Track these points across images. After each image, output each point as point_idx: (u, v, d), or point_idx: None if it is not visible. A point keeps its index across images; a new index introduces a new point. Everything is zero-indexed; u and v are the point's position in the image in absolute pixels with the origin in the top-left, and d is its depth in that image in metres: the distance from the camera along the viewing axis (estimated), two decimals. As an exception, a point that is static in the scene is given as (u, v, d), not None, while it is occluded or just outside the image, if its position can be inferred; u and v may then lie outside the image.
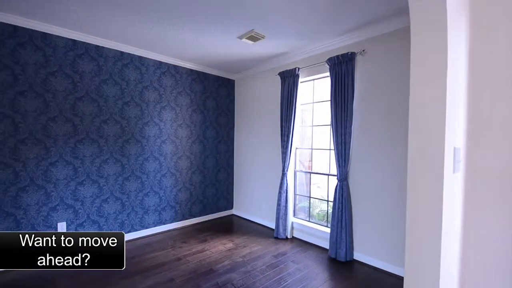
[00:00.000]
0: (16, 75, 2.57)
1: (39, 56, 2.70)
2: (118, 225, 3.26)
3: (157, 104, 3.61)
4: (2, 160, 2.50)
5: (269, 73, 3.92)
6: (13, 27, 2.55)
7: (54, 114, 2.79)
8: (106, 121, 3.15)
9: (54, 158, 2.79)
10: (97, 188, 3.09)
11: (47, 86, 2.74)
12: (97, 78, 3.08)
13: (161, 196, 3.66)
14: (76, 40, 2.93)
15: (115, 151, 3.23)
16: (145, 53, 3.44)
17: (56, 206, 2.81)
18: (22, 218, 2.61)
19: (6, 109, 2.51)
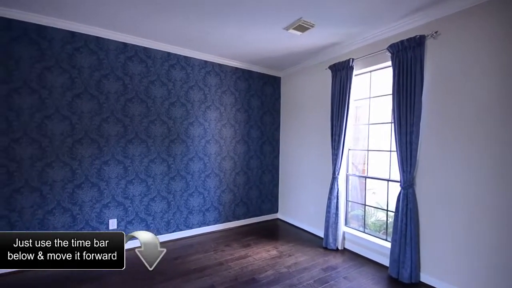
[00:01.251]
0: (73, 78, 2.73)
1: (93, 60, 2.83)
2: (164, 224, 3.29)
3: (202, 104, 3.57)
4: (61, 158, 2.67)
5: (318, 68, 3.59)
6: (71, 33, 2.70)
7: (107, 115, 2.91)
8: (153, 121, 3.20)
9: (106, 157, 2.91)
10: (145, 187, 3.15)
11: (100, 88, 2.87)
12: (145, 80, 3.14)
13: (205, 197, 3.61)
14: (127, 43, 3.01)
15: (162, 151, 3.26)
16: (190, 53, 3.42)
17: (108, 204, 2.92)
18: (78, 214, 2.76)
19: (65, 110, 2.68)
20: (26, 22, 2.49)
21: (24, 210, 2.50)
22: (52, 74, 2.62)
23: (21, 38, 2.49)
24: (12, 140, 2.44)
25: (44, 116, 2.59)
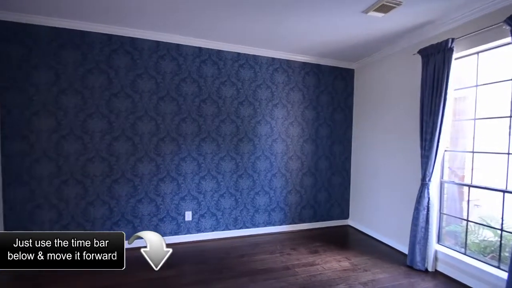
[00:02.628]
0: (158, 83, 3.06)
1: (174, 65, 3.11)
2: (232, 220, 3.40)
3: (269, 102, 3.53)
4: (149, 154, 3.03)
5: (403, 54, 3.08)
6: (156, 42, 3.03)
7: (185, 116, 3.16)
8: (224, 120, 3.33)
9: (184, 154, 3.17)
10: (216, 183, 3.31)
11: (179, 91, 3.13)
12: (217, 81, 3.29)
13: (271, 197, 3.57)
14: (202, 48, 3.21)
15: (231, 149, 3.37)
16: (258, 51, 3.42)
17: (185, 197, 3.19)
18: (161, 204, 3.10)
19: (152, 112, 3.03)
20: (123, 36, 2.91)
21: (121, 198, 2.94)
22: (143, 80, 3.00)
23: (119, 50, 2.93)
24: (113, 138, 2.90)
25: (136, 117, 2.98)
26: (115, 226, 2.92)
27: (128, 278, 2.32)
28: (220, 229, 3.35)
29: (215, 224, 3.32)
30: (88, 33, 2.79)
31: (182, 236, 3.17)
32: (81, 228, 2.81)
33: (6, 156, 2.57)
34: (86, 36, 2.79)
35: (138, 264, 2.57)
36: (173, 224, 3.15)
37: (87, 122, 2.81)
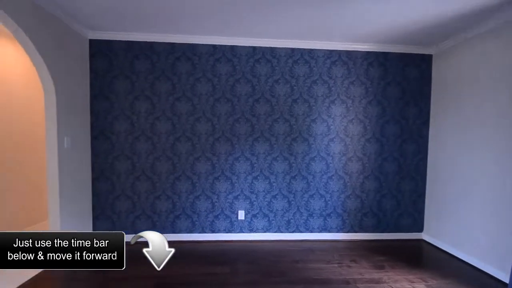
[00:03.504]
0: (214, 85, 3.18)
1: (229, 67, 3.18)
2: (285, 223, 3.31)
3: (326, 99, 3.28)
4: (205, 154, 3.20)
5: (503, 31, 2.41)
6: (213, 46, 3.15)
7: (238, 116, 3.21)
8: (277, 120, 3.25)
9: (237, 154, 3.23)
10: (268, 184, 3.28)
11: (233, 92, 3.20)
12: (270, 79, 3.23)
13: (327, 200, 3.34)
14: (256, 47, 3.19)
15: (284, 149, 3.27)
16: (314, 44, 3.20)
17: (238, 196, 3.26)
18: (216, 202, 3.25)
19: (208, 113, 3.18)
20: (183, 43, 3.12)
21: (182, 194, 3.21)
22: (201, 84, 3.17)
23: (182, 57, 3.15)
24: (176, 139, 3.17)
25: (195, 118, 3.18)
26: (177, 219, 3.21)
27: (186, 269, 2.52)
28: (272, 230, 3.31)
29: (267, 225, 3.30)
30: (156, 43, 3.10)
31: (235, 234, 3.27)
32: (150, 219, 3.20)
33: (95, 155, 3.10)
34: (155, 47, 3.10)
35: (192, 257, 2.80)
36: (227, 222, 3.27)
37: (155, 125, 3.14)
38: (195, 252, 2.95)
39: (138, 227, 3.17)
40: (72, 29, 2.76)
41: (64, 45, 2.64)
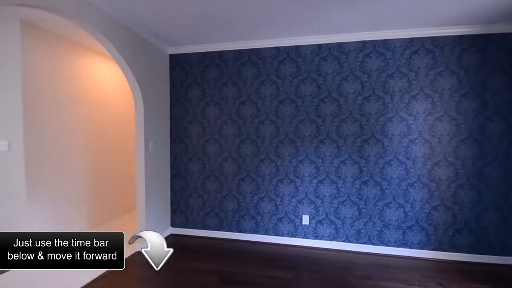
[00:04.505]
0: (278, 87, 3.17)
1: (293, 68, 3.12)
2: (354, 232, 3.03)
3: (405, 94, 2.87)
4: (269, 156, 3.21)
5: None
6: (276, 48, 3.15)
7: (303, 117, 3.11)
8: (345, 120, 3.01)
9: (301, 156, 3.13)
10: (335, 188, 3.06)
11: (298, 92, 3.11)
12: (338, 77, 3.02)
13: (406, 211, 2.90)
14: (321, 44, 3.04)
15: (353, 152, 3.01)
16: (390, 34, 2.85)
17: (302, 200, 3.15)
18: (279, 204, 3.21)
19: (272, 116, 3.19)
20: (249, 49, 3.21)
21: (246, 195, 3.30)
22: (265, 87, 3.20)
23: (247, 62, 3.25)
24: (241, 141, 3.28)
25: (259, 121, 3.23)
26: (241, 219, 3.32)
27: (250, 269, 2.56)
28: (340, 239, 3.07)
29: (334, 233, 3.09)
30: (224, 52, 3.29)
31: (299, 239, 3.16)
32: (217, 217, 3.39)
33: (173, 156, 3.48)
34: (223, 55, 3.30)
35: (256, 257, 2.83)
36: (291, 225, 3.19)
37: (223, 128, 3.33)
38: (258, 253, 2.98)
39: (207, 224, 3.42)
40: (156, 47, 3.18)
41: (150, 61, 3.06)
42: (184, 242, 3.24)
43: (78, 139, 3.27)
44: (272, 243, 3.21)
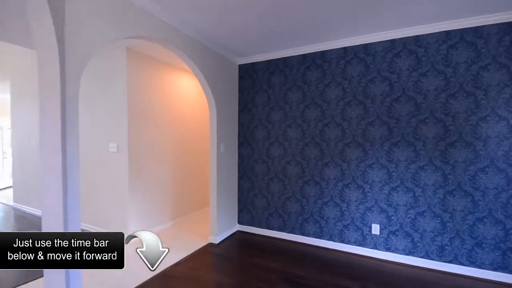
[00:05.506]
0: (345, 89, 3.07)
1: (361, 67, 2.98)
2: (436, 248, 2.64)
3: (505, 88, 2.39)
4: (334, 160, 3.11)
5: None
6: (343, 49, 3.06)
7: (372, 119, 2.92)
8: (424, 120, 2.69)
9: (370, 160, 2.93)
10: (412, 197, 2.74)
11: (366, 93, 2.95)
12: (415, 73, 2.74)
13: (507, 228, 2.37)
14: (394, 39, 2.82)
15: (435, 156, 2.65)
16: (486, 19, 2.42)
17: (371, 207, 2.93)
18: (345, 210, 3.06)
19: (338, 118, 3.10)
20: (312, 52, 3.23)
21: (310, 198, 3.27)
22: (330, 89, 3.15)
23: (312, 65, 3.27)
24: (305, 144, 3.29)
25: (324, 124, 3.18)
26: (305, 222, 3.30)
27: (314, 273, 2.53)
28: (418, 255, 2.72)
29: (410, 247, 2.75)
30: (288, 58, 3.40)
31: (368, 249, 2.93)
32: (281, 218, 3.46)
33: (240, 158, 3.74)
34: (288, 61, 3.41)
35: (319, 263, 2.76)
36: (358, 234, 3.00)
37: (287, 132, 3.41)
38: (322, 258, 2.90)
39: (271, 224, 3.52)
40: (227, 59, 3.51)
41: (222, 72, 3.40)
42: (250, 239, 3.42)
43: (164, 143, 3.87)
44: (336, 249, 3.09)
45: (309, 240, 3.27)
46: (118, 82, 3.32)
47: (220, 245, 3.23)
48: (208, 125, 4.72)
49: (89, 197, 3.55)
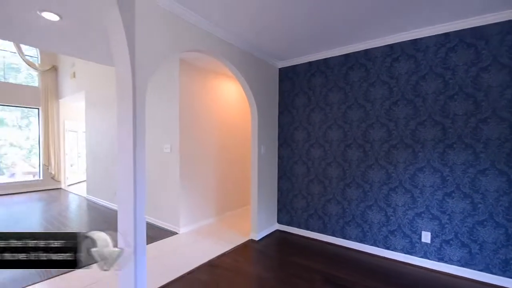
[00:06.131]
0: (391, 87, 2.93)
1: (410, 64, 2.81)
2: (499, 262, 2.33)
3: None
4: (379, 162, 2.98)
5: None
6: (389, 46, 2.93)
7: (423, 119, 2.73)
8: (485, 120, 2.43)
9: (421, 163, 2.74)
10: (470, 204, 2.48)
11: (417, 91, 2.77)
12: (474, 68, 2.49)
13: None
14: (448, 33, 2.61)
15: (499, 160, 2.36)
16: None
17: (421, 213, 2.72)
18: (391, 215, 2.90)
19: (383, 118, 2.96)
20: (356, 51, 3.15)
21: (352, 201, 3.17)
22: (375, 89, 3.04)
23: (354, 65, 3.19)
24: (346, 146, 3.22)
25: (367, 125, 3.07)
26: (346, 225, 3.21)
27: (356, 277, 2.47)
28: (476, 267, 2.44)
29: (467, 258, 2.49)
30: (329, 58, 3.37)
31: (417, 258, 2.73)
32: (321, 220, 3.42)
33: (280, 158, 3.81)
34: (329, 61, 3.39)
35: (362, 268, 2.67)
36: (406, 241, 2.81)
37: (327, 133, 3.37)
38: (365, 263, 2.79)
39: (310, 225, 3.51)
40: (268, 64, 3.63)
41: (263, 77, 3.53)
42: (289, 239, 3.46)
43: (209, 145, 4.15)
44: (381, 256, 2.94)
45: (350, 244, 3.18)
46: (171, 90, 3.69)
47: (260, 242, 3.34)
48: (248, 128, 4.92)
49: (148, 192, 3.99)
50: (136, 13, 1.95)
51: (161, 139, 3.87)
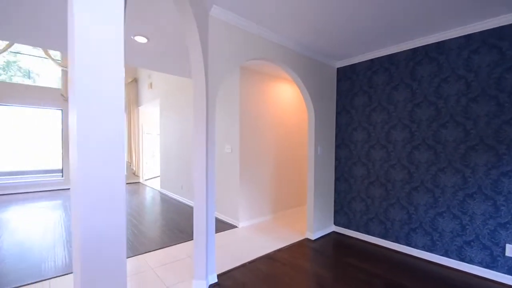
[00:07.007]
0: (469, 82, 2.63)
1: (493, 55, 2.49)
2: None
3: None
4: (453, 165, 2.70)
5: None
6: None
7: (510, 116, 2.39)
8: None
9: (507, 167, 2.39)
10: None
11: (501, 86, 2.44)
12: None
13: None
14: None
15: None
16: None
17: (506, 224, 2.37)
18: (467, 225, 2.59)
19: (459, 117, 2.68)
20: (426, 45, 2.92)
21: (419, 206, 2.94)
22: (448, 84, 2.77)
23: (423, 59, 2.96)
24: (413, 147, 3.00)
25: (439, 124, 2.82)
26: (412, 232, 2.98)
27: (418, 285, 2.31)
28: None
29: None
30: (394, 54, 3.20)
31: (499, 274, 2.38)
32: (382, 224, 3.25)
33: (337, 160, 3.76)
34: (393, 57, 3.22)
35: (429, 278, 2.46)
36: (485, 254, 2.48)
37: (390, 133, 3.20)
38: (434, 274, 2.56)
39: (370, 229, 3.37)
40: (326, 64, 3.64)
41: (320, 77, 3.55)
42: (346, 242, 3.39)
43: (267, 146, 4.35)
44: (452, 267, 2.66)
45: (416, 252, 2.95)
46: (232, 94, 4.01)
47: (316, 241, 3.37)
48: (304, 130, 4.97)
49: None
50: (209, 36, 2.28)
51: (223, 140, 4.23)
